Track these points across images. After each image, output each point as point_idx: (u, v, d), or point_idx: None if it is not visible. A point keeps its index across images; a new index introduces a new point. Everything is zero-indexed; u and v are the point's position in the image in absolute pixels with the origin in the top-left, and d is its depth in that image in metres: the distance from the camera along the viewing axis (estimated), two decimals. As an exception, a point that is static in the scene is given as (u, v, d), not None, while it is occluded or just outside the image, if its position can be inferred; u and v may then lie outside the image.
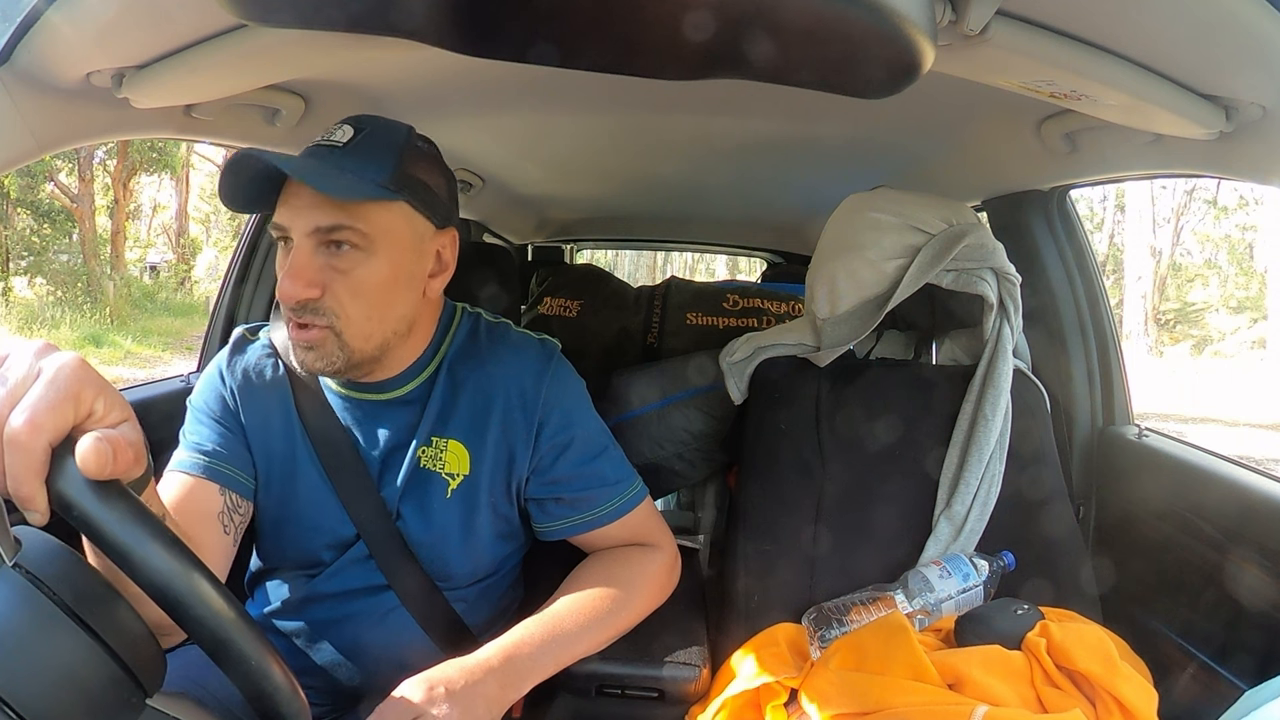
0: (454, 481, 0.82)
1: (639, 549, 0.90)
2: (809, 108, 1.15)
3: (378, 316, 0.75)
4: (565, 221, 2.65)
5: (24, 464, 0.38)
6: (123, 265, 12.94)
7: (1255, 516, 0.97)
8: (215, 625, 0.41)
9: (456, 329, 0.87)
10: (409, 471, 0.82)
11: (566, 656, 0.77)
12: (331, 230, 0.72)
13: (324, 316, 0.72)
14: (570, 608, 0.80)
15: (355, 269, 0.73)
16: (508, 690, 0.71)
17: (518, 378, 0.83)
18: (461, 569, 0.85)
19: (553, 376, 0.84)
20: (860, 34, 0.49)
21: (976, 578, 0.95)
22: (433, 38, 0.57)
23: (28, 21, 0.64)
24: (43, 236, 11.34)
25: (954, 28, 0.60)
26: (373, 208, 0.72)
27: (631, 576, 0.86)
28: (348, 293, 0.72)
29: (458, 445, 0.82)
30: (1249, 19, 0.57)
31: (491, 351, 0.85)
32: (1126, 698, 0.78)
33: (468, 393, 0.83)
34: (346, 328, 0.73)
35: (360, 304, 0.73)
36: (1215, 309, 14.45)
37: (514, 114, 1.31)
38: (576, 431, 0.85)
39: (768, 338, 1.19)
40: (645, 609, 0.87)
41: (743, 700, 0.87)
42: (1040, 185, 1.31)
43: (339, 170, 0.72)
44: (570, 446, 0.84)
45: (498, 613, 0.92)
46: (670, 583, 0.91)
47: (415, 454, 0.81)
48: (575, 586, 0.83)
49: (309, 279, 0.71)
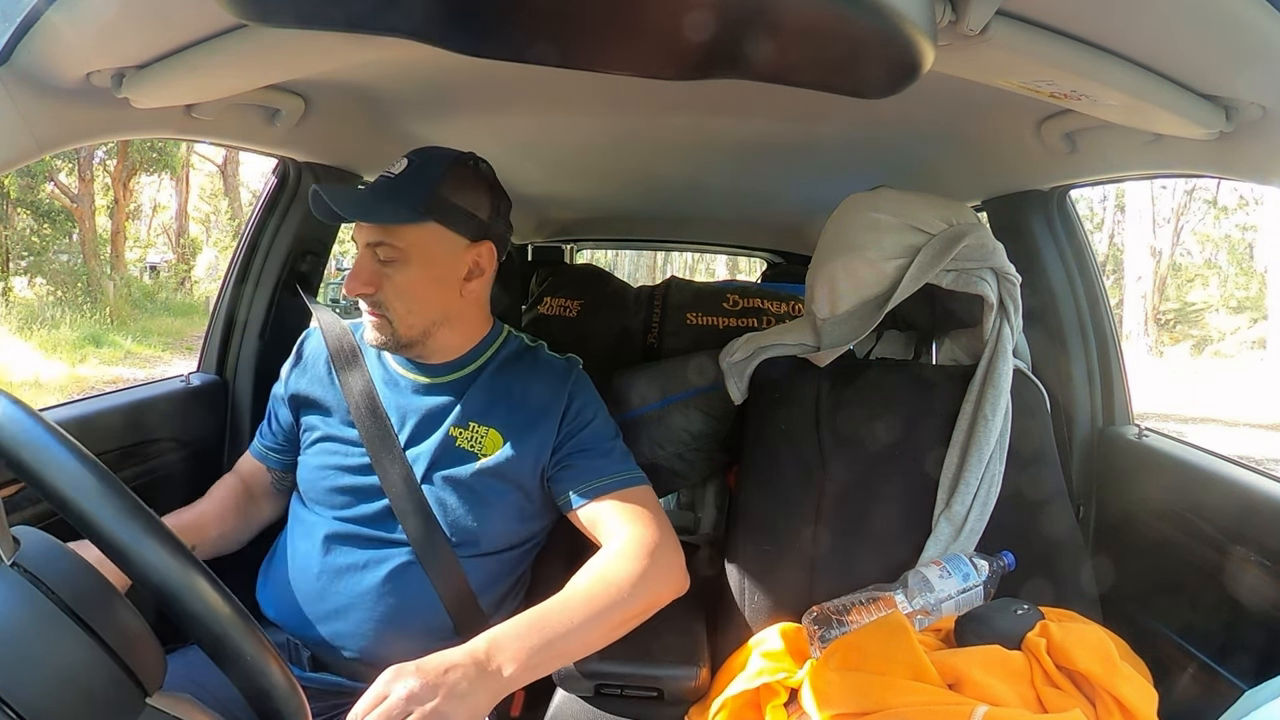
0: (488, 459, 0.96)
1: (638, 547, 0.90)
2: (809, 108, 1.15)
3: (417, 310, 0.95)
4: (565, 221, 2.65)
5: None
6: (123, 265, 12.94)
7: (1255, 516, 0.97)
8: (212, 622, 0.41)
9: (503, 343, 1.05)
10: (442, 446, 0.96)
11: (558, 654, 0.80)
12: (376, 245, 0.93)
13: (379, 308, 0.94)
14: (566, 604, 0.82)
15: (396, 275, 0.93)
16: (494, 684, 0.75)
17: (548, 384, 1.01)
18: (480, 535, 0.96)
19: (575, 380, 1.02)
20: (860, 34, 0.49)
21: (976, 578, 0.95)
22: (433, 38, 0.57)
23: (28, 21, 0.64)
24: (43, 236, 11.34)
25: (954, 28, 0.60)
26: (406, 229, 0.92)
27: (630, 572, 0.86)
28: (393, 292, 0.93)
29: (495, 434, 0.98)
30: (1249, 19, 0.57)
31: (530, 365, 1.04)
32: (1126, 698, 0.78)
33: (509, 393, 1.00)
34: (394, 318, 0.94)
35: (402, 301, 0.94)
36: (1215, 309, 14.45)
37: (514, 114, 1.31)
38: (592, 418, 1.01)
39: (768, 338, 1.19)
40: (648, 604, 0.88)
41: (743, 700, 0.87)
42: (1040, 185, 1.31)
43: (384, 200, 0.92)
44: (586, 428, 0.99)
45: (506, 589, 1.00)
46: (672, 579, 0.92)
47: (449, 432, 0.97)
48: (574, 585, 0.85)
49: (364, 280, 0.93)
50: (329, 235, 1.49)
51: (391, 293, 0.93)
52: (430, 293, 0.95)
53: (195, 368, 1.42)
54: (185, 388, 1.33)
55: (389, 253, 0.92)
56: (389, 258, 0.92)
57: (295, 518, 1.01)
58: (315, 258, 1.44)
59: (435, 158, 0.95)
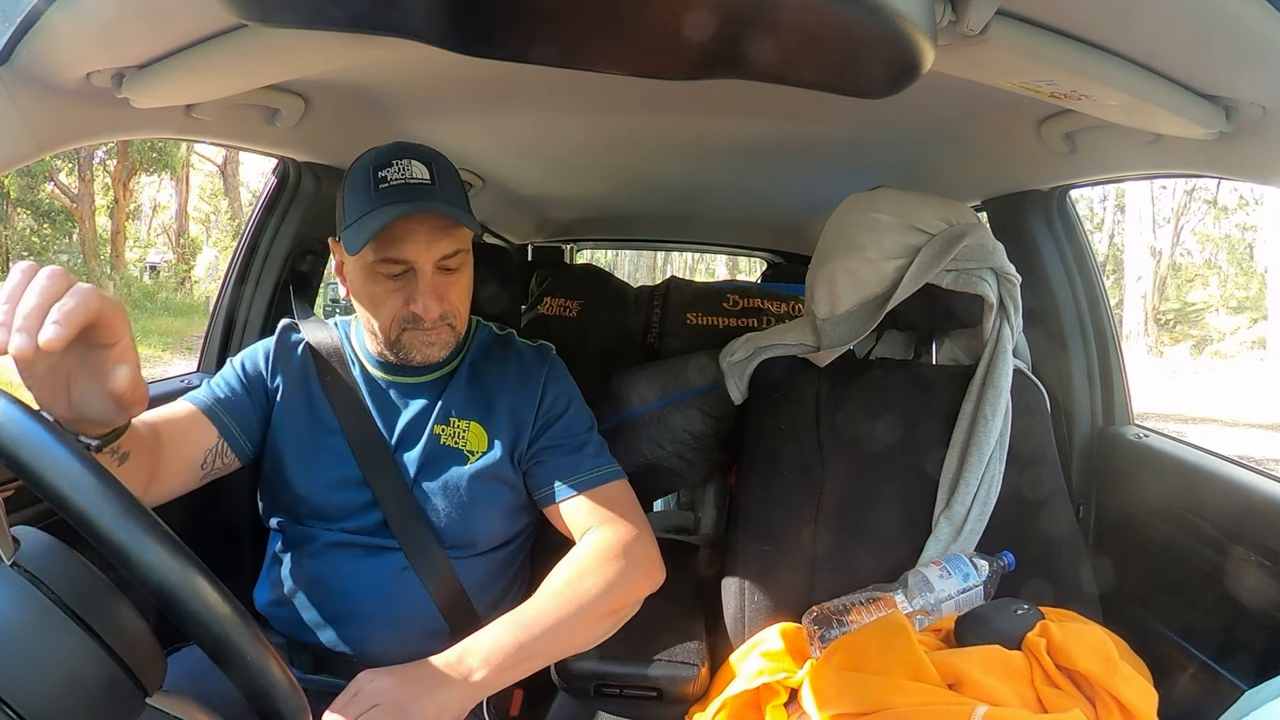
0: (473, 457, 0.95)
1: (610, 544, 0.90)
2: (809, 108, 1.15)
3: (466, 309, 0.95)
4: (565, 221, 2.65)
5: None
6: (123, 265, 12.95)
7: (1255, 516, 0.97)
8: (212, 622, 0.41)
9: (474, 334, 1.03)
10: (428, 446, 0.94)
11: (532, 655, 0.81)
12: (453, 256, 0.89)
13: (445, 319, 0.91)
14: (539, 606, 0.83)
15: (460, 279, 0.92)
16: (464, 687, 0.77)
17: (523, 372, 0.99)
18: (472, 536, 0.95)
19: (550, 368, 1.01)
20: (860, 34, 0.49)
21: (976, 578, 0.95)
22: (433, 38, 0.57)
23: (28, 21, 0.64)
24: (43, 236, 11.35)
25: (954, 28, 0.60)
26: (463, 230, 0.90)
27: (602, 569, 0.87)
28: (460, 300, 0.93)
29: (476, 426, 0.96)
30: (1249, 19, 0.57)
31: (503, 354, 1.01)
32: (1126, 698, 0.78)
33: (485, 385, 0.98)
34: (456, 322, 0.93)
35: (463, 304, 0.94)
36: (1215, 309, 14.45)
37: (514, 114, 1.31)
38: (568, 407, 0.99)
39: (768, 338, 1.19)
40: (622, 600, 0.88)
41: (743, 700, 0.87)
42: (1040, 185, 1.31)
43: (449, 205, 0.87)
44: (562, 418, 0.98)
45: (502, 588, 0.99)
46: (646, 573, 0.91)
47: (433, 431, 0.95)
48: (547, 585, 0.86)
49: (441, 297, 0.89)
50: (329, 235, 1.49)
51: (459, 300, 0.92)
52: (470, 292, 0.95)
53: (195, 368, 1.42)
54: (185, 388, 1.33)
55: (459, 260, 0.91)
56: (458, 265, 0.91)
57: (287, 531, 0.97)
58: (315, 258, 1.44)
59: (439, 155, 0.93)
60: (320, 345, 0.99)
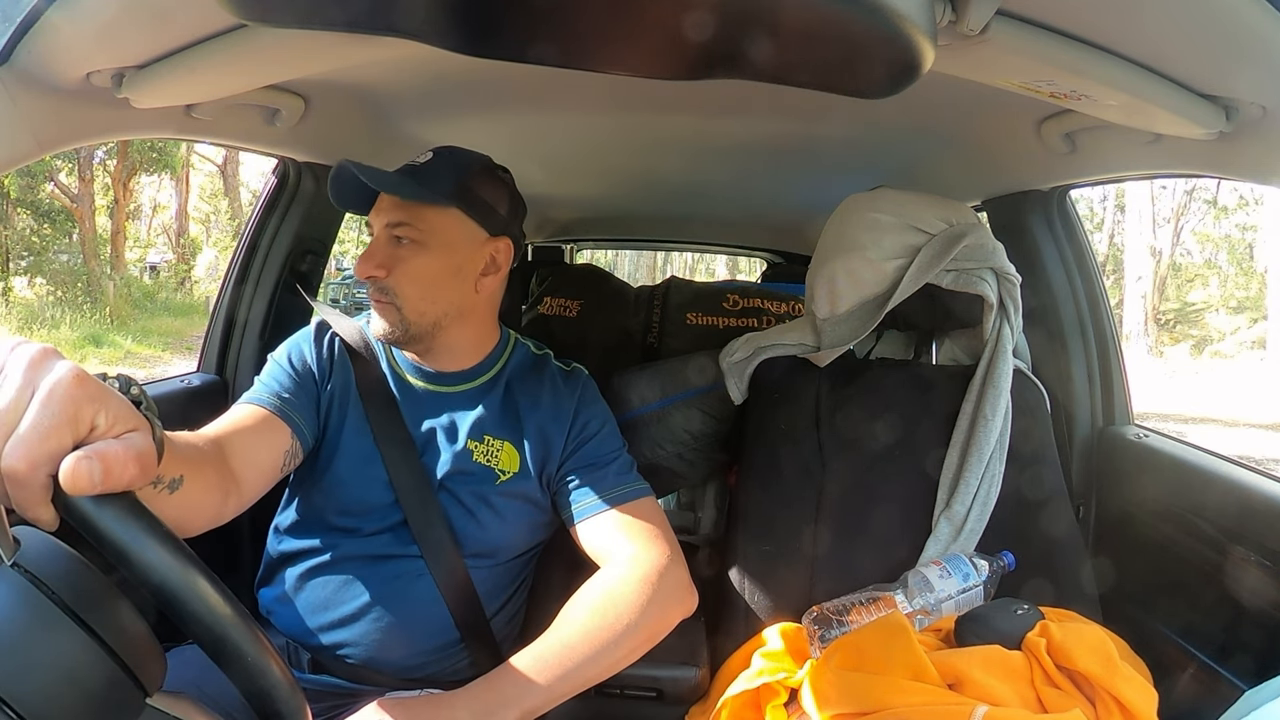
0: (504, 477, 0.95)
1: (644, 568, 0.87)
2: (809, 108, 1.15)
3: (429, 298, 0.92)
4: (565, 221, 2.65)
5: (25, 496, 0.38)
6: (123, 265, 12.94)
7: (1255, 516, 0.97)
8: (212, 622, 0.41)
9: (513, 351, 1.03)
10: (460, 459, 0.94)
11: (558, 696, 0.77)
12: (397, 226, 0.90)
13: (388, 294, 0.90)
14: (566, 643, 0.79)
15: (412, 259, 0.90)
16: None
17: (557, 395, 1.00)
18: (494, 548, 0.95)
19: (584, 389, 1.02)
20: (860, 34, 0.49)
21: (976, 578, 0.95)
22: (433, 38, 0.57)
23: (28, 21, 0.64)
24: (43, 236, 11.35)
25: (954, 28, 0.60)
26: (430, 212, 0.90)
27: (635, 598, 0.84)
28: (406, 278, 0.90)
29: (510, 447, 0.96)
30: (1249, 19, 0.57)
31: (538, 376, 1.02)
32: (1126, 698, 0.78)
33: (520, 405, 0.98)
34: (404, 304, 0.91)
35: (415, 287, 0.91)
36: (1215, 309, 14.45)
37: (514, 114, 1.31)
38: (598, 430, 0.99)
39: (768, 338, 1.19)
40: (656, 630, 0.85)
41: (743, 700, 0.87)
42: (1040, 185, 1.31)
43: (411, 181, 0.90)
44: (591, 441, 0.98)
45: (510, 593, 0.99)
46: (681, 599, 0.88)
47: (466, 445, 0.95)
48: (576, 616, 0.82)
49: (377, 261, 0.90)
50: (329, 235, 1.49)
51: (404, 278, 0.90)
52: (445, 282, 0.92)
53: (195, 368, 1.42)
54: (185, 388, 1.33)
55: (410, 233, 0.89)
56: (409, 238, 0.89)
57: (300, 528, 0.96)
58: (315, 258, 1.44)
59: (463, 153, 0.96)
60: (353, 343, 0.98)
